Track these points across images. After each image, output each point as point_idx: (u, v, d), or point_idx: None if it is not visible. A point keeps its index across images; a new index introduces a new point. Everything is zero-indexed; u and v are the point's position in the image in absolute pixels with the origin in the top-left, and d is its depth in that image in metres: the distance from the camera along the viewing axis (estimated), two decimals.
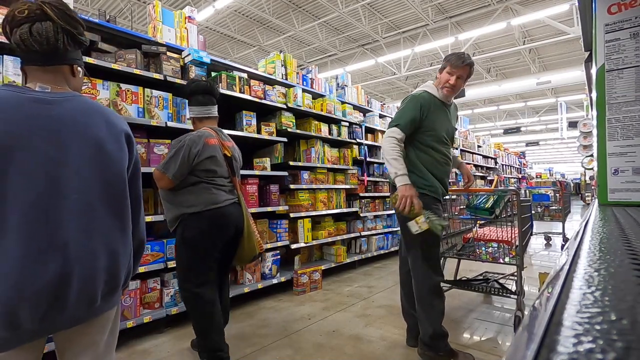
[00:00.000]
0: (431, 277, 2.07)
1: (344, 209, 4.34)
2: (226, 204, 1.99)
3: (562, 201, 6.01)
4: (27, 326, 0.88)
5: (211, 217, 1.93)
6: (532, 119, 21.02)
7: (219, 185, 2.00)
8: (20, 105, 0.91)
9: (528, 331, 0.24)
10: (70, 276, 0.92)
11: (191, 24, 3.12)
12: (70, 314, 0.95)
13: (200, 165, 1.94)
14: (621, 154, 1.11)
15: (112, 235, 1.03)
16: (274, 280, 3.38)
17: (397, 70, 12.75)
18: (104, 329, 1.08)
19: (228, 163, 2.06)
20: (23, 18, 0.93)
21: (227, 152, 2.06)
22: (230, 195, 2.05)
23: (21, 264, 0.85)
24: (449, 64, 2.13)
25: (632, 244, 0.47)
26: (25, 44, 0.93)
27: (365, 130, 4.94)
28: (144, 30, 9.62)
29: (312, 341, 2.41)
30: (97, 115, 1.04)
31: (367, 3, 9.30)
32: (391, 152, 1.99)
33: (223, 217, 1.97)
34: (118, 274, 1.04)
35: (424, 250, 2.07)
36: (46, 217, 0.90)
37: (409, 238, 2.13)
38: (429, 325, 2.04)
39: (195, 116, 2.15)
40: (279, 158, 3.65)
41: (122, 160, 1.08)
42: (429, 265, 2.07)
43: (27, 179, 0.89)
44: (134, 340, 2.44)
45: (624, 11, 1.11)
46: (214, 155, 1.97)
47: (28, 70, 0.99)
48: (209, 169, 1.96)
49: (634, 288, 0.27)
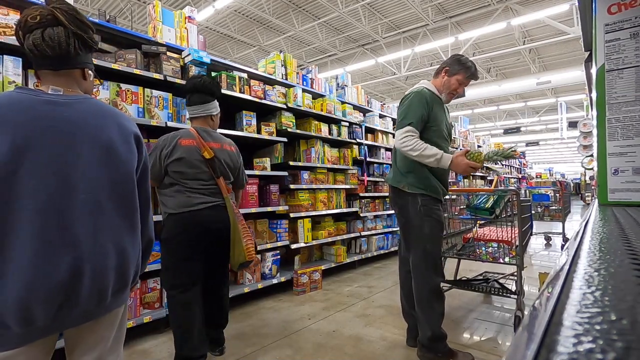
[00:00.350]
0: (431, 278, 2.06)
1: (344, 209, 4.34)
2: (201, 207, 1.93)
3: (562, 201, 6.01)
4: (40, 323, 0.90)
5: (184, 219, 1.91)
6: (532, 119, 21.01)
7: (193, 188, 1.94)
8: (33, 107, 0.94)
9: (528, 331, 0.24)
10: (81, 274, 0.94)
11: (191, 24, 3.12)
12: (81, 311, 0.98)
13: (170, 167, 1.92)
14: (621, 154, 1.11)
15: (121, 234, 1.05)
16: (274, 280, 3.38)
17: (397, 70, 12.75)
18: (113, 325, 1.11)
19: (210, 164, 1.97)
20: (35, 24, 0.95)
21: (207, 153, 1.96)
22: (210, 197, 1.98)
23: (34, 262, 0.88)
24: (465, 73, 2.10)
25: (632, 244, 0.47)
26: (39, 49, 0.96)
27: (365, 130, 4.94)
28: (144, 30, 9.63)
29: (312, 341, 2.41)
30: (109, 117, 1.07)
31: (367, 3, 9.30)
32: (416, 146, 1.96)
33: (196, 221, 1.92)
34: (127, 271, 1.07)
35: (425, 250, 2.06)
36: (57, 217, 0.93)
37: (411, 238, 2.13)
38: (429, 327, 2.02)
39: (189, 117, 2.15)
40: (279, 158, 3.65)
41: (131, 161, 1.11)
42: (430, 266, 2.06)
43: (39, 179, 0.91)
44: (134, 340, 2.44)
45: (624, 11, 1.11)
46: (183, 156, 1.92)
47: (41, 74, 1.03)
48: (178, 171, 1.92)
49: (634, 288, 0.27)
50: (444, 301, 2.12)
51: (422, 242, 2.09)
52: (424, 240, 2.08)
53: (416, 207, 2.10)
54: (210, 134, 2.08)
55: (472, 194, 2.79)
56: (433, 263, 2.07)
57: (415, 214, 2.11)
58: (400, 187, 2.15)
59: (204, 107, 2.08)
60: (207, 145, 1.99)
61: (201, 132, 2.03)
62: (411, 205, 2.12)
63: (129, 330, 2.42)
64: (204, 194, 1.96)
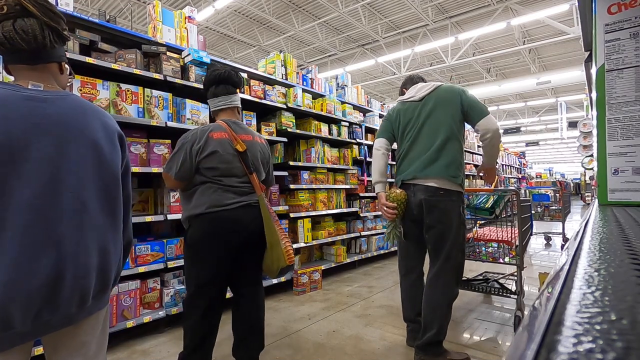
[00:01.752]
0: (454, 289, 2.02)
1: (344, 209, 4.34)
2: (233, 207, 1.76)
3: (562, 201, 6.01)
4: (20, 326, 0.86)
5: (213, 219, 1.74)
6: (532, 119, 21.01)
7: (227, 185, 1.78)
8: (17, 104, 0.90)
9: (528, 331, 0.24)
10: (63, 273, 0.91)
11: (191, 24, 3.13)
12: (62, 314, 0.93)
13: (203, 163, 1.75)
14: (621, 154, 1.11)
15: (104, 234, 1.03)
16: (274, 280, 3.38)
17: (397, 70, 12.75)
18: (95, 330, 1.06)
19: (242, 159, 1.81)
20: (2, 15, 0.89)
21: (240, 146, 1.80)
22: (242, 197, 1.80)
23: (16, 261, 0.84)
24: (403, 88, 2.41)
25: (632, 244, 0.47)
26: (11, 43, 0.90)
27: (365, 130, 4.94)
28: (144, 30, 9.63)
29: (312, 341, 2.41)
30: (93, 115, 1.04)
31: (367, 3, 9.30)
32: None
33: (227, 221, 1.75)
34: (109, 272, 1.04)
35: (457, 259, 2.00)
36: (42, 215, 0.90)
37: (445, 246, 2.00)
38: (441, 333, 1.97)
39: (212, 110, 1.97)
40: (279, 158, 3.65)
41: (116, 161, 1.08)
42: (455, 276, 2.01)
43: (25, 177, 0.88)
44: (134, 340, 2.44)
45: (624, 11, 1.11)
46: (216, 150, 1.76)
47: (14, 69, 0.97)
48: (211, 167, 1.75)
49: (634, 288, 0.27)
50: None
51: (455, 251, 2.00)
52: (456, 249, 2.00)
53: (457, 212, 1.98)
54: (241, 126, 1.92)
55: (472, 194, 2.79)
56: (459, 273, 2.03)
57: (456, 217, 1.99)
58: (458, 183, 2.00)
59: (230, 97, 1.93)
60: (239, 137, 1.83)
61: (231, 124, 1.87)
62: (457, 207, 1.99)
63: (129, 330, 2.43)
64: (236, 192, 1.80)
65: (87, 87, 2.33)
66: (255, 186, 1.84)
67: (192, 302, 1.78)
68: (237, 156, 1.80)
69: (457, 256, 2.00)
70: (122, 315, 2.39)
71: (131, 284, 2.45)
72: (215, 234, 1.75)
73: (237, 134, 1.84)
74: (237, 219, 1.77)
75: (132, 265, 2.45)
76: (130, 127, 2.57)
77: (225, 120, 1.89)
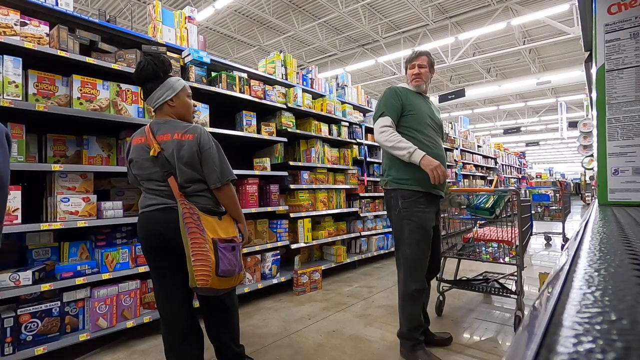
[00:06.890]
0: (406, 283, 2.07)
1: (344, 209, 4.34)
2: (150, 209, 1.70)
3: (562, 201, 6.01)
4: None
5: (139, 221, 1.75)
6: (532, 119, 21.02)
7: (149, 188, 1.74)
8: None
9: (528, 331, 0.24)
10: None
11: (191, 24, 3.13)
12: None
13: (132, 171, 1.79)
14: (621, 154, 1.11)
15: None
16: (274, 280, 3.38)
17: (397, 70, 12.75)
18: None
19: (160, 162, 1.67)
20: None
21: (153, 150, 1.66)
22: (163, 199, 1.69)
23: None
24: (405, 64, 2.32)
25: (632, 244, 0.47)
26: None
27: (365, 130, 4.94)
28: (144, 30, 9.62)
29: (312, 341, 2.41)
30: None
31: (367, 3, 9.30)
32: (390, 137, 2.01)
33: (144, 223, 1.71)
34: None
35: (404, 254, 2.07)
36: None
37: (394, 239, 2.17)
38: (401, 326, 2.13)
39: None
40: (279, 158, 3.65)
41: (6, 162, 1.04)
42: (407, 271, 2.07)
43: None
44: (134, 340, 2.44)
45: (624, 11, 1.11)
46: (132, 158, 1.75)
47: None
48: (134, 174, 1.78)
49: (634, 288, 0.27)
50: (418, 305, 2.08)
51: (400, 246, 2.10)
52: (402, 244, 2.08)
53: (396, 208, 2.09)
54: (163, 125, 1.73)
55: (472, 194, 2.79)
56: (410, 268, 2.06)
57: (395, 215, 2.11)
58: (383, 185, 2.18)
59: (153, 96, 1.74)
60: (156, 139, 1.69)
61: (154, 126, 1.73)
62: (393, 205, 2.12)
63: (129, 330, 2.43)
64: (159, 195, 1.70)
65: (87, 87, 2.33)
66: (172, 190, 1.67)
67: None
68: (153, 160, 1.69)
69: (404, 251, 2.08)
70: (122, 315, 2.39)
71: (131, 284, 2.45)
72: (140, 236, 1.76)
73: (157, 136, 1.70)
74: (152, 222, 1.69)
75: (132, 265, 2.45)
76: (130, 127, 2.57)
77: (154, 121, 1.77)
